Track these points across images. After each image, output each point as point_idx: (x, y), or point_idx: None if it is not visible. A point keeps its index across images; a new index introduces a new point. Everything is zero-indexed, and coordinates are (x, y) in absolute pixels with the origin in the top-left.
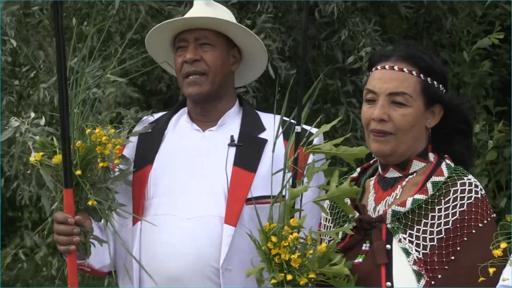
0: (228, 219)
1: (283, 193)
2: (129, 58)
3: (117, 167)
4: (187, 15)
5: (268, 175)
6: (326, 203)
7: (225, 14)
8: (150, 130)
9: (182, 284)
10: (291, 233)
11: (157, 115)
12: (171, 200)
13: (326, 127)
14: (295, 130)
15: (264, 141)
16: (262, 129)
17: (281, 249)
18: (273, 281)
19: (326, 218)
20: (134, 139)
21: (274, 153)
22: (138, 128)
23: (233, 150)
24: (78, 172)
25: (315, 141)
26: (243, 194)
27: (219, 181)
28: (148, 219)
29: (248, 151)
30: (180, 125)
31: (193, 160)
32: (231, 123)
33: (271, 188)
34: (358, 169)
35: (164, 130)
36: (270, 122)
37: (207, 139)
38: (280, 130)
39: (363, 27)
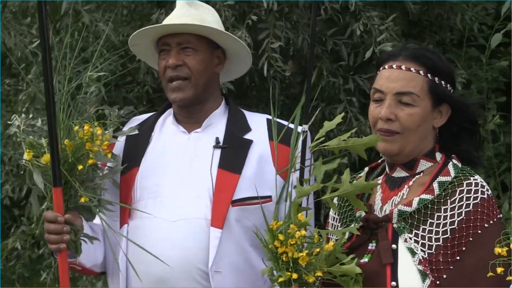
0: (214, 222)
1: (286, 193)
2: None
3: (106, 166)
4: (170, 18)
5: (254, 176)
6: (334, 202)
7: (209, 14)
8: (136, 132)
9: (169, 286)
10: (298, 231)
11: (143, 116)
12: (157, 203)
13: (331, 124)
14: (302, 129)
15: (249, 142)
16: (248, 129)
17: (288, 247)
18: (280, 279)
19: (334, 218)
20: (121, 140)
21: (259, 153)
22: (126, 128)
23: (218, 152)
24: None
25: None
26: (228, 196)
27: (205, 183)
28: (134, 221)
29: (233, 152)
30: (166, 127)
31: (179, 163)
32: (217, 123)
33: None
34: (366, 169)
35: (150, 132)
36: (256, 122)
37: (192, 141)
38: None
39: (380, 22)
